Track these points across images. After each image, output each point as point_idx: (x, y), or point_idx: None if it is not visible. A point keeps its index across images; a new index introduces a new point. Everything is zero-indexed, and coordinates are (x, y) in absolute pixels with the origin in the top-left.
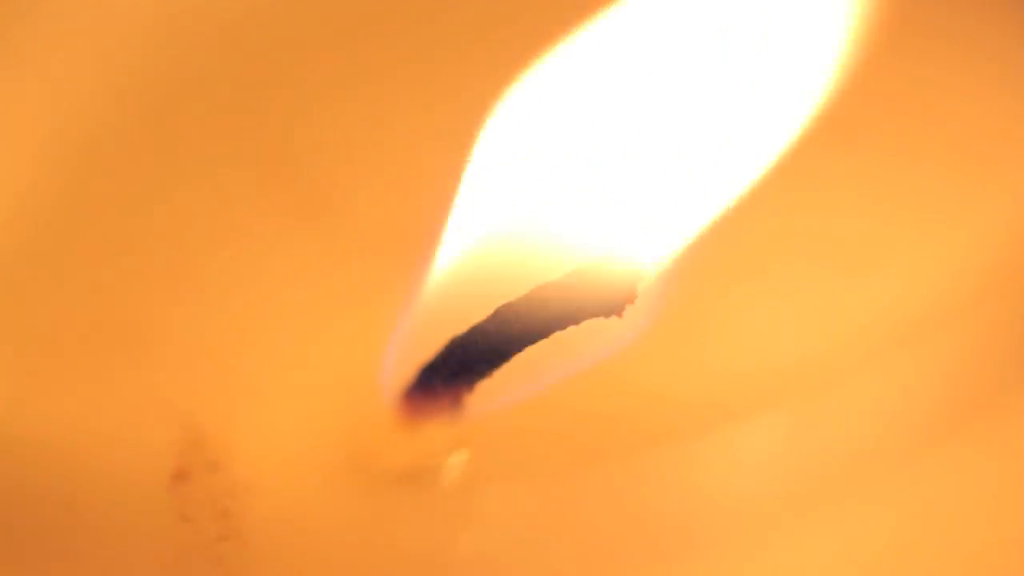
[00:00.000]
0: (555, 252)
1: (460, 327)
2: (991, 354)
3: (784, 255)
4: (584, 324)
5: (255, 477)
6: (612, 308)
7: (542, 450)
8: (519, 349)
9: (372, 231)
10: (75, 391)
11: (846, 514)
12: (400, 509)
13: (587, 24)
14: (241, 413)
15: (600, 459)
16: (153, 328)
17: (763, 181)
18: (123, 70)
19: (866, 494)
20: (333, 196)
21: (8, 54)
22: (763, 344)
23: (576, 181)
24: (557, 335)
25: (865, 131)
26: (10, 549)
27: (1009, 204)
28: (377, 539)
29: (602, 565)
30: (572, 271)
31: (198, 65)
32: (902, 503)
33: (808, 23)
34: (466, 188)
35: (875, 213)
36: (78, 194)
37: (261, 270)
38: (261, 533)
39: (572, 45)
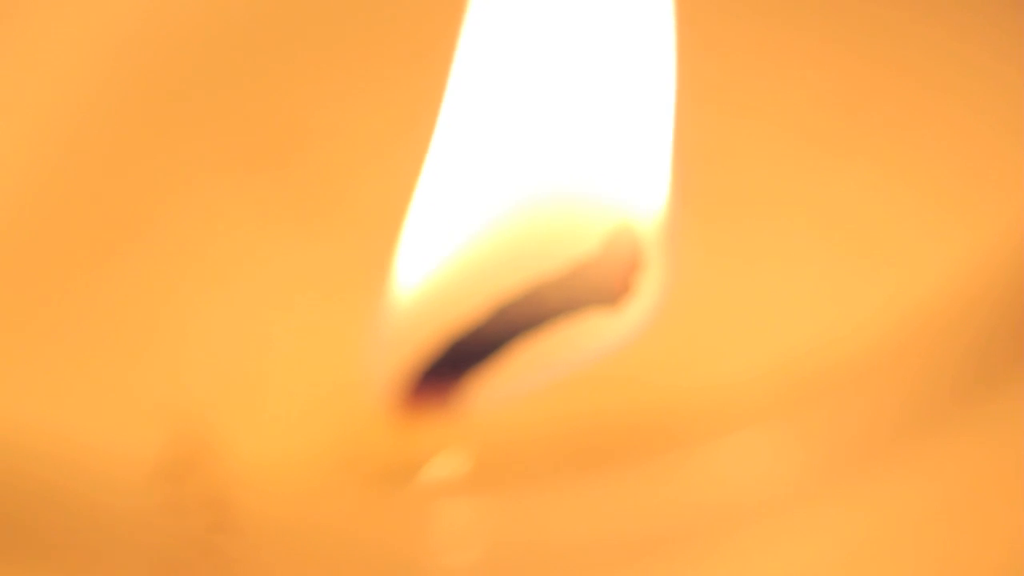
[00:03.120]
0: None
1: (456, 321)
2: (995, 350)
3: (786, 252)
4: (583, 319)
5: (248, 473)
6: (611, 301)
7: (539, 448)
8: (518, 345)
9: (366, 228)
10: (68, 387)
11: (849, 512)
12: (393, 508)
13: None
14: (234, 409)
15: (599, 459)
16: (146, 325)
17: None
18: (118, 68)
19: (868, 492)
20: (327, 194)
21: (4, 52)
22: (765, 341)
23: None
24: (556, 330)
25: (867, 128)
26: (4, 546)
27: (1013, 200)
28: (370, 536)
29: (600, 567)
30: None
31: (192, 65)
32: (904, 500)
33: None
34: (444, 177)
35: (877, 210)
36: (72, 193)
37: (254, 267)
38: (254, 529)
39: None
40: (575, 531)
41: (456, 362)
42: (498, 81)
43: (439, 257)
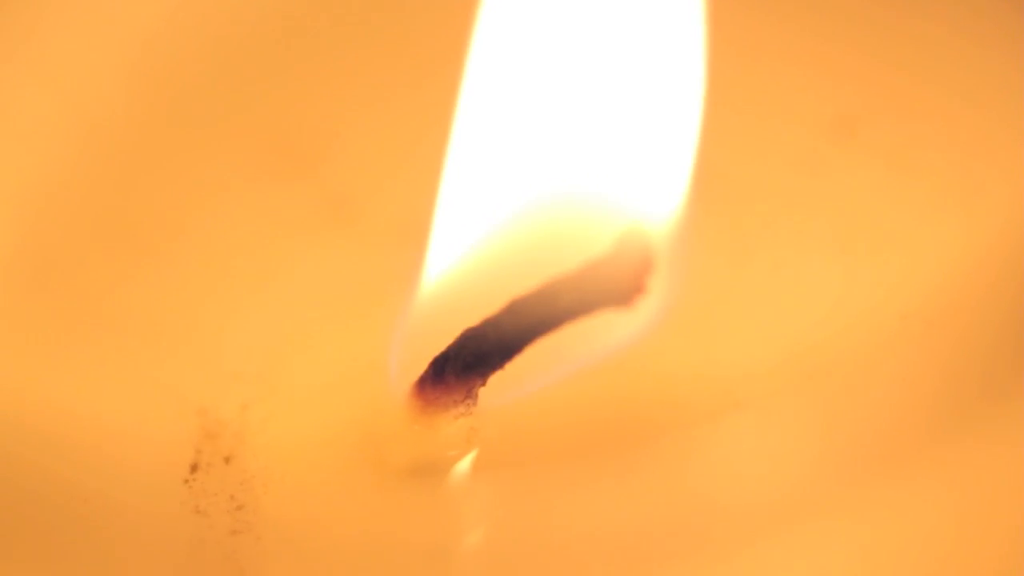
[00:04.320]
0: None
1: (471, 319)
2: (993, 344)
3: (789, 247)
4: (596, 317)
5: (269, 470)
6: (623, 300)
7: (553, 445)
8: (532, 342)
9: (386, 225)
10: (91, 385)
11: (848, 508)
12: (412, 502)
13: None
14: (255, 407)
15: (611, 454)
16: (168, 322)
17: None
18: (134, 68)
19: (868, 487)
20: (347, 190)
21: (16, 52)
22: (769, 338)
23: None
24: (569, 328)
25: (868, 122)
26: (28, 540)
27: (1012, 195)
28: (388, 532)
29: (610, 558)
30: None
31: (209, 63)
32: (905, 497)
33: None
34: (461, 179)
35: (884, 207)
36: (93, 189)
37: (275, 265)
38: (274, 525)
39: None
40: (586, 520)
41: (472, 359)
42: (515, 85)
43: (457, 257)
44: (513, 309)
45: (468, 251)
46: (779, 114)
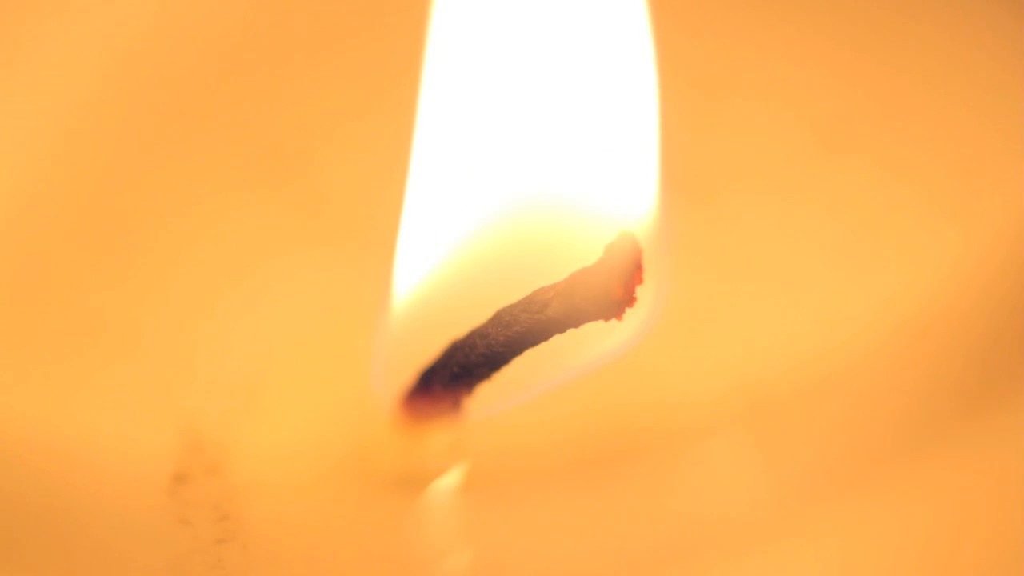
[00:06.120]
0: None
1: (458, 330)
2: (991, 354)
3: (784, 257)
4: (584, 327)
5: (254, 480)
6: (611, 310)
7: (540, 456)
8: (519, 353)
9: (372, 236)
10: (74, 395)
11: (846, 515)
12: (397, 513)
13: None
14: (240, 417)
15: (598, 465)
16: (152, 332)
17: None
18: (122, 71)
19: (866, 495)
20: (331, 199)
21: (8, 54)
22: (762, 347)
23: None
24: (557, 339)
25: (865, 132)
26: (9, 552)
27: (1010, 204)
28: (375, 542)
29: (598, 569)
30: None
31: (197, 68)
32: (902, 503)
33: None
34: (444, 189)
35: (872, 214)
36: (76, 195)
37: (259, 275)
38: (260, 536)
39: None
40: (570, 533)
41: (459, 369)
42: (496, 94)
43: (443, 267)
44: (500, 319)
45: (455, 261)
46: (776, 118)
